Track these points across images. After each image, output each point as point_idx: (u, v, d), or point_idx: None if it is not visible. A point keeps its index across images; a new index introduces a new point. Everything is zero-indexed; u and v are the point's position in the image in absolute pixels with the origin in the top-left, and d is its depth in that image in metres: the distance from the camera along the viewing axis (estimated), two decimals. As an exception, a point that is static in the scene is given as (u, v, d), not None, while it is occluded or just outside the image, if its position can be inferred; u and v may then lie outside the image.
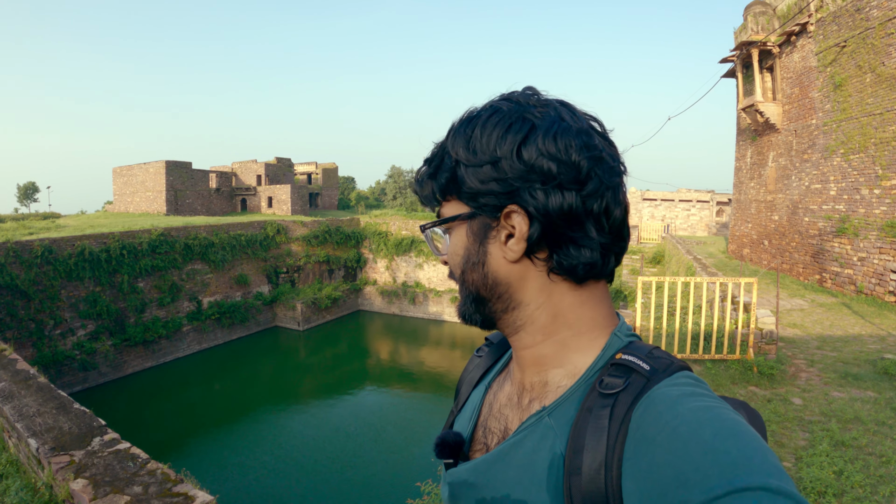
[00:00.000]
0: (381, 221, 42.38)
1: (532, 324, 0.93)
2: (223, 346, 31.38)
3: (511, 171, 0.86)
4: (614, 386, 0.80)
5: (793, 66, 21.61)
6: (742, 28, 23.16)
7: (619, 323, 0.94)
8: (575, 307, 0.91)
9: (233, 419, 22.93)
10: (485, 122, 0.90)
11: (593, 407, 0.80)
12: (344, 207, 64.23)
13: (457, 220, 0.94)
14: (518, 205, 0.87)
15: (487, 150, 0.88)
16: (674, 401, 0.72)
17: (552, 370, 0.92)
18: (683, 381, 0.77)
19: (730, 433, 0.65)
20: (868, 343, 12.26)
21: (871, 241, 17.09)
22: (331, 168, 61.86)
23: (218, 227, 32.39)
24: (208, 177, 48.02)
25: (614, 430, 0.76)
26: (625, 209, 0.91)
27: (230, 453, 19.42)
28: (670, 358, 0.84)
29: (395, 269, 41.29)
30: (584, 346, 0.91)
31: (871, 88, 17.01)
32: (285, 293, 35.83)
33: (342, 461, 18.77)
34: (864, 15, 17.15)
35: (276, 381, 28.00)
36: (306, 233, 37.94)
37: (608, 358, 0.88)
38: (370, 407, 25.12)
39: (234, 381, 27.40)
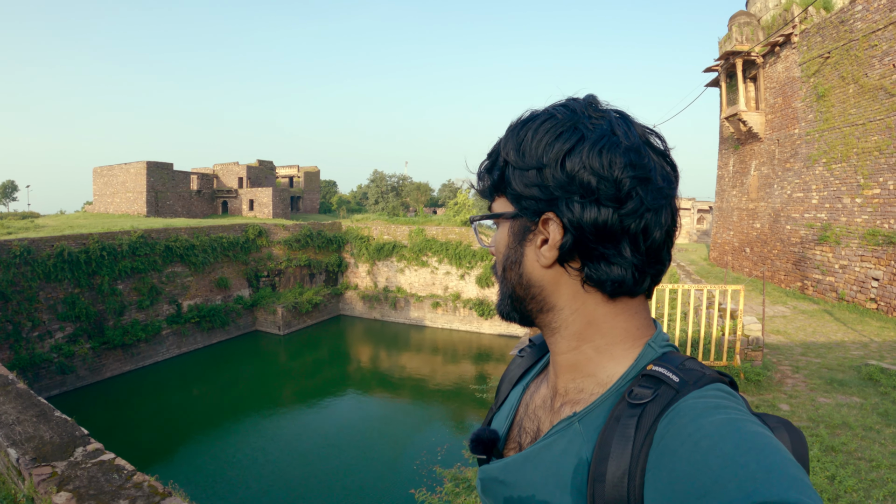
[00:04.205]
0: (362, 226, 42.28)
1: (567, 328, 0.94)
2: (203, 351, 31.08)
3: (553, 179, 0.87)
4: (643, 396, 0.81)
5: (776, 77, 21.85)
6: (726, 38, 23.40)
7: (656, 333, 0.94)
8: (609, 317, 0.92)
9: (214, 425, 22.72)
10: (538, 128, 0.91)
11: (621, 416, 0.81)
12: (325, 211, 64.16)
13: (501, 218, 0.97)
14: (555, 213, 0.88)
15: (535, 156, 0.89)
16: (698, 413, 0.72)
17: (586, 377, 0.93)
18: (712, 394, 0.77)
19: (751, 446, 0.65)
20: (851, 349, 12.37)
21: (853, 249, 17.28)
22: (313, 171, 61.80)
23: (199, 229, 32.12)
24: (189, 178, 47.73)
25: (640, 440, 0.76)
26: (667, 232, 0.90)
27: (212, 461, 19.20)
28: (703, 370, 0.83)
29: (376, 273, 41.19)
30: (619, 355, 0.91)
31: (854, 99, 17.24)
32: (266, 297, 35.59)
33: (327, 469, 18.61)
34: (848, 27, 17.39)
35: (256, 387, 27.70)
36: (287, 236, 37.79)
37: (640, 368, 0.88)
38: (352, 413, 25.00)
39: (214, 386, 27.12)
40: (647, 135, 0.92)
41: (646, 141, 0.90)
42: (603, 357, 0.92)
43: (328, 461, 19.21)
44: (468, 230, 38.79)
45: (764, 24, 22.60)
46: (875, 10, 16.34)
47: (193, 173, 48.48)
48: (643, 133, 0.91)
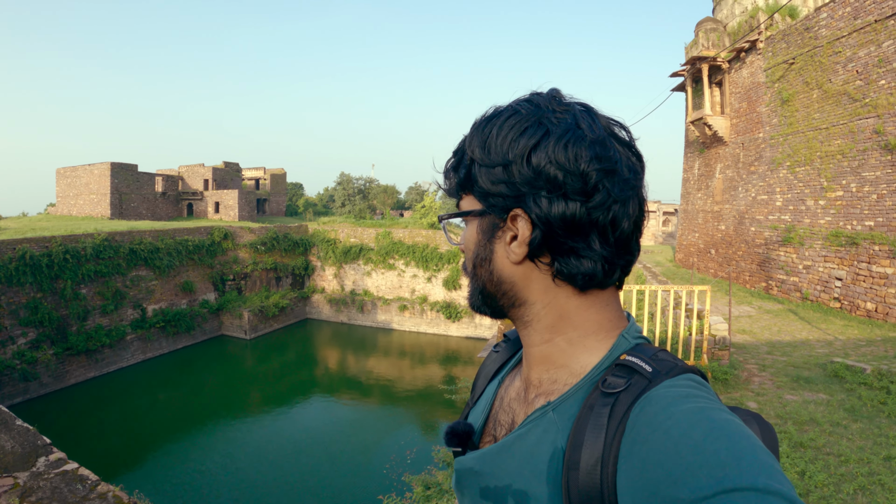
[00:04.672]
0: (329, 229, 42.02)
1: (539, 321, 0.94)
2: (168, 356, 30.53)
3: (519, 175, 0.87)
4: (616, 385, 0.81)
5: (741, 82, 22.24)
6: (693, 44, 23.77)
7: (629, 325, 0.95)
8: (580, 310, 0.92)
9: (181, 432, 22.32)
10: (502, 124, 0.91)
11: (595, 405, 0.81)
12: (292, 214, 63.71)
13: (469, 216, 0.97)
14: (523, 209, 0.88)
15: (500, 152, 0.89)
16: (669, 402, 0.73)
17: (559, 368, 0.93)
18: (683, 384, 0.78)
19: (721, 433, 0.66)
20: (816, 347, 12.59)
21: (816, 250, 17.61)
22: (279, 174, 61.31)
23: (164, 231, 31.56)
24: (154, 180, 46.75)
25: (612, 428, 0.77)
26: (635, 222, 0.91)
27: (180, 469, 18.84)
28: (675, 361, 0.84)
29: (343, 276, 40.99)
30: (592, 346, 0.92)
31: (818, 104, 17.61)
32: (232, 301, 35.13)
33: (296, 476, 18.39)
34: (812, 34, 17.77)
35: (223, 392, 27.29)
36: (254, 239, 37.38)
37: (614, 358, 0.89)
38: (320, 418, 24.82)
39: (180, 392, 26.64)
40: (611, 126, 0.92)
41: (611, 133, 0.91)
42: (576, 348, 0.92)
43: (297, 468, 19.00)
44: (435, 233, 38.83)
45: (730, 31, 23.02)
46: (839, 17, 16.72)
47: (158, 175, 47.56)
48: (608, 125, 0.92)
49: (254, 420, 24.03)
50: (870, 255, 15.85)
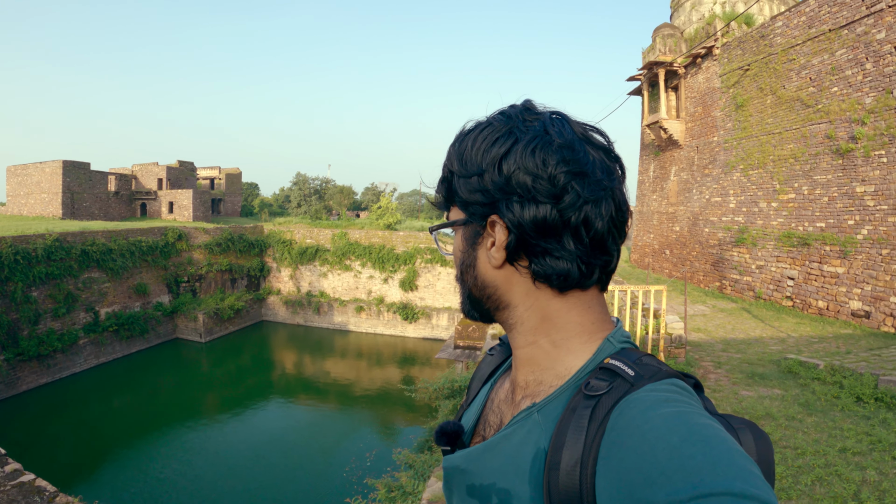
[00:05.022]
0: (285, 229, 41.56)
1: (523, 324, 0.97)
2: (122, 360, 29.71)
3: (492, 183, 0.91)
4: (598, 388, 0.83)
5: (697, 87, 22.71)
6: (650, 49, 24.16)
7: (615, 329, 0.96)
8: (562, 312, 0.94)
9: (138, 439, 21.73)
10: (476, 136, 0.95)
11: (577, 407, 0.83)
12: (247, 214, 62.89)
13: (454, 226, 1.02)
14: (498, 215, 0.91)
15: (475, 163, 0.94)
16: (648, 406, 0.74)
17: (544, 370, 0.95)
18: (664, 388, 0.79)
19: (697, 438, 0.66)
20: (770, 344, 12.89)
21: (769, 251, 18.04)
22: (234, 173, 60.48)
23: (116, 232, 30.69)
24: (107, 179, 45.49)
25: (593, 430, 0.78)
26: (611, 222, 0.92)
27: (138, 477, 18.39)
28: (659, 365, 0.86)
29: (299, 278, 40.63)
30: (576, 348, 0.94)
31: (772, 109, 18.08)
32: (186, 303, 34.45)
33: (256, 482, 18.14)
34: (768, 41, 18.25)
35: (179, 397, 26.73)
36: (208, 240, 36.68)
37: (598, 362, 0.90)
38: (278, 422, 24.53)
39: (135, 398, 25.98)
40: (586, 132, 0.95)
41: (584, 137, 0.93)
42: (560, 351, 0.94)
43: (257, 473, 18.74)
44: (392, 234, 38.79)
45: (687, 37, 23.46)
46: (795, 26, 17.20)
47: (111, 174, 46.32)
48: (582, 130, 0.94)
49: (211, 425, 23.62)
50: (821, 255, 16.31)
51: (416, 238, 38.33)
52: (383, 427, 24.59)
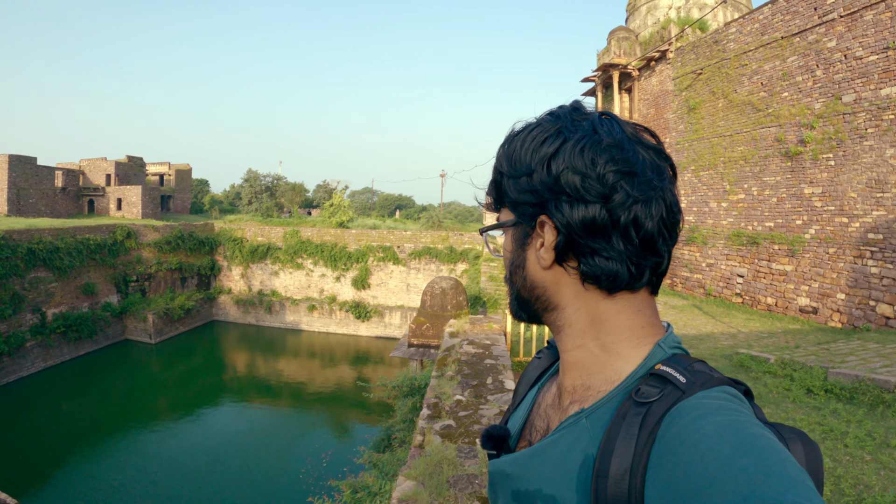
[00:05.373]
0: (236, 227, 41.03)
1: (571, 326, 0.95)
2: (71, 363, 28.88)
3: (541, 183, 0.91)
4: (649, 395, 0.81)
5: (650, 89, 23.19)
6: (605, 51, 24.57)
7: (666, 335, 0.94)
8: (611, 314, 0.93)
9: (90, 444, 21.21)
10: (525, 137, 0.95)
11: (627, 414, 0.81)
12: (197, 212, 61.70)
13: (504, 227, 1.02)
14: (547, 215, 0.91)
15: (524, 163, 0.93)
16: (700, 414, 0.73)
17: (593, 375, 0.94)
18: (716, 396, 0.77)
19: (750, 448, 0.65)
20: (721, 340, 13.24)
21: (719, 249, 18.55)
22: (184, 169, 59.26)
23: (63, 230, 29.80)
24: (54, 174, 44.12)
25: (643, 438, 0.77)
26: (662, 223, 0.91)
27: (92, 484, 17.96)
28: (711, 372, 0.84)
29: (250, 276, 40.15)
30: (626, 353, 0.92)
31: (723, 112, 18.60)
32: (136, 303, 33.66)
33: (213, 487, 17.89)
34: (721, 47, 18.78)
35: (130, 400, 26.14)
36: (158, 238, 35.96)
37: (649, 368, 0.88)
38: (232, 424, 24.25)
39: (86, 402, 25.30)
40: (637, 131, 0.95)
41: (634, 137, 0.93)
42: (609, 355, 0.92)
43: (213, 477, 18.50)
44: (343, 232, 38.66)
45: (642, 40, 23.91)
46: (748, 32, 17.74)
47: (58, 169, 44.83)
48: (632, 130, 0.94)
49: (164, 429, 23.17)
50: (769, 253, 16.85)
51: (369, 236, 38.24)
52: (338, 427, 24.51)
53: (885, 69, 13.99)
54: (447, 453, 5.01)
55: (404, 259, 37.95)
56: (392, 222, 50.36)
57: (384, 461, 9.65)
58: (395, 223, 49.59)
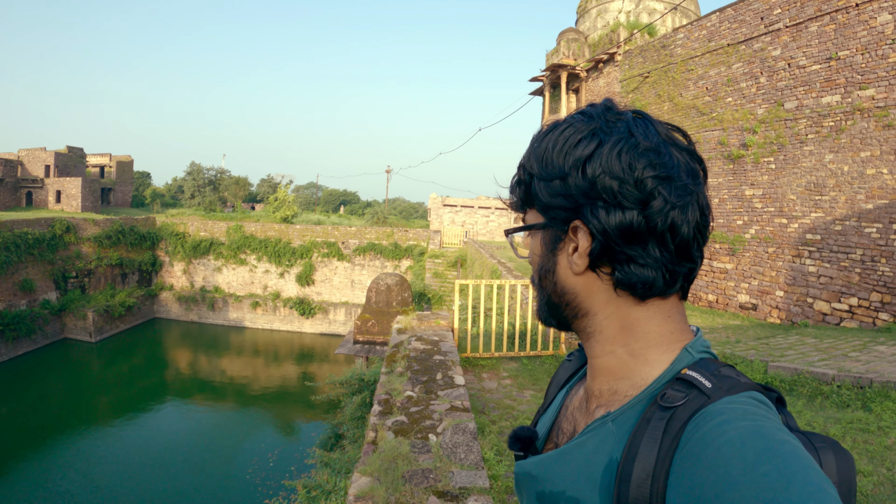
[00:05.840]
0: (178, 221, 40.46)
1: (601, 332, 0.94)
2: (8, 363, 27.94)
3: (576, 187, 0.88)
4: (674, 400, 0.80)
5: (597, 90, 23.59)
6: (554, 51, 24.89)
7: (694, 339, 0.93)
8: (642, 320, 0.91)
9: (31, 449, 20.56)
10: (557, 137, 0.91)
11: (652, 418, 0.81)
12: (138, 205, 60.37)
13: (533, 230, 0.98)
14: (581, 220, 0.88)
15: (556, 165, 0.89)
16: (725, 420, 0.72)
17: (620, 380, 0.93)
18: (742, 401, 0.76)
19: (774, 454, 0.64)
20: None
21: (660, 247, 19.02)
22: (126, 161, 57.90)
23: (0, 223, 28.85)
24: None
25: (667, 442, 0.77)
26: (696, 228, 0.89)
27: (36, 490, 17.47)
28: (738, 377, 0.83)
29: (192, 272, 39.61)
30: (653, 358, 0.91)
31: (668, 115, 19.14)
32: (75, 301, 32.77)
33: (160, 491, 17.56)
34: (668, 52, 19.21)
35: (71, 401, 25.50)
36: (98, 232, 35.08)
37: (675, 372, 0.87)
38: (176, 424, 23.90)
39: (24, 404, 24.55)
40: (669, 132, 0.92)
41: (668, 138, 0.90)
42: (637, 361, 0.91)
43: (158, 480, 18.18)
44: (288, 227, 38.43)
45: (591, 42, 24.29)
46: (695, 39, 18.20)
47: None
48: (666, 131, 0.91)
49: (108, 431, 22.64)
50: (711, 252, 17.34)
51: (313, 231, 38.07)
52: (283, 425, 24.37)
53: (826, 78, 14.49)
54: (401, 449, 5.02)
55: (349, 255, 37.88)
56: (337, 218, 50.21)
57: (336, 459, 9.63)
58: (340, 219, 49.46)
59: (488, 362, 9.35)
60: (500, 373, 8.89)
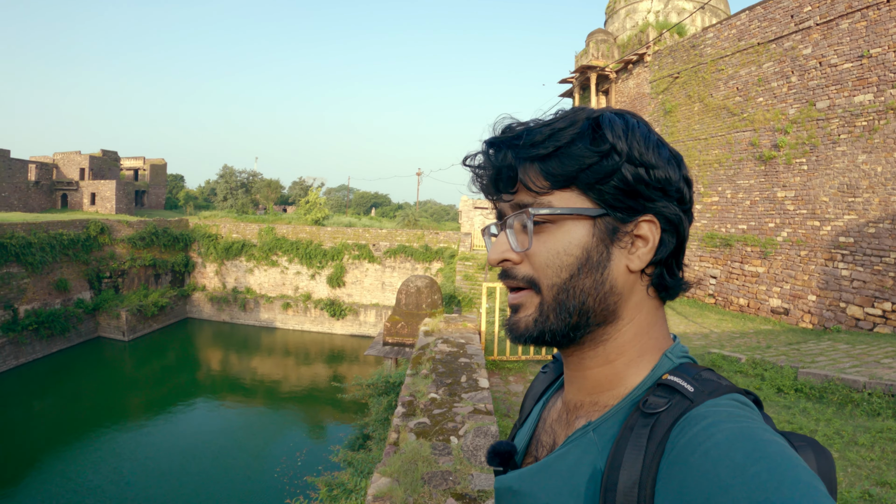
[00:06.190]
0: (210, 223, 40.69)
1: (615, 340, 0.89)
2: (43, 361, 28.39)
3: (665, 181, 0.86)
4: (657, 406, 0.79)
5: (627, 92, 23.42)
6: (583, 53, 24.78)
7: (674, 345, 0.92)
8: (650, 326, 0.90)
9: (63, 444, 20.82)
10: (638, 128, 0.88)
11: (635, 426, 0.79)
12: (171, 207, 61.02)
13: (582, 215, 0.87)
14: (654, 214, 0.86)
15: (646, 154, 0.86)
16: (710, 423, 0.71)
17: (603, 392, 0.91)
18: (726, 403, 0.76)
19: (762, 455, 0.64)
20: (694, 340, 13.37)
21: (693, 250, 18.80)
22: (159, 164, 58.58)
23: (36, 224, 29.18)
24: (27, 168, 43.18)
25: (652, 449, 0.75)
26: None
27: (66, 484, 17.67)
28: (719, 380, 0.82)
29: (224, 273, 39.86)
30: (641, 366, 0.89)
31: (699, 116, 18.82)
32: (109, 300, 33.17)
33: (188, 488, 17.68)
34: (698, 51, 19.01)
35: (103, 398, 25.76)
36: (132, 234, 35.46)
37: (656, 378, 0.86)
38: (206, 423, 24.04)
39: (58, 400, 24.90)
40: None
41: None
42: (629, 369, 0.89)
43: (188, 477, 18.32)
44: (319, 229, 38.48)
45: (620, 43, 24.13)
46: (725, 38, 17.98)
47: (32, 162, 43.94)
48: None
49: (138, 428, 22.85)
50: (742, 255, 17.08)
51: (344, 234, 38.13)
52: (312, 426, 24.45)
53: (859, 77, 14.25)
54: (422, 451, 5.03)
55: (379, 257, 37.87)
56: (368, 220, 50.29)
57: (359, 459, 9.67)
58: (371, 221, 49.52)
59: (515, 365, 9.34)
60: (526, 376, 8.88)
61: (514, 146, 0.90)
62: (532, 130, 0.89)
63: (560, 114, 0.92)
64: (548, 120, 0.91)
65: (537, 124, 0.90)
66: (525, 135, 0.89)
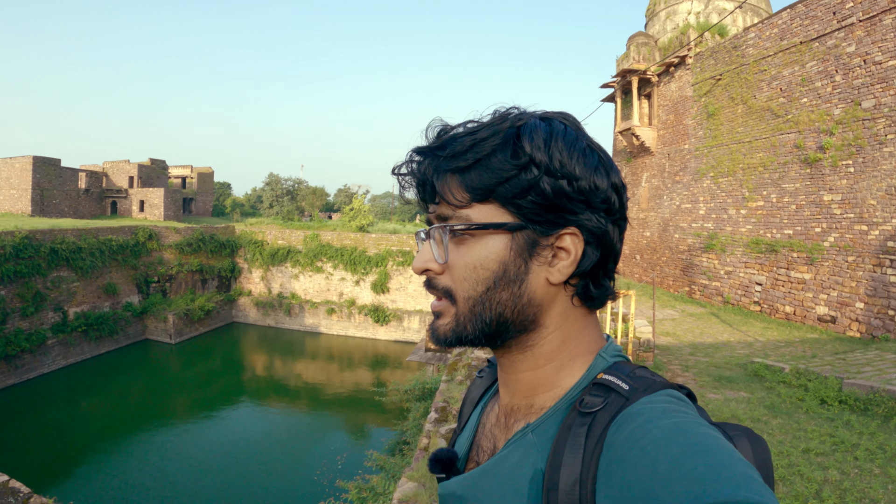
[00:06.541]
0: (256, 230, 41.18)
1: (541, 346, 0.90)
2: (91, 361, 29.10)
3: (590, 191, 0.85)
4: (593, 405, 0.80)
5: (669, 95, 23.09)
6: (624, 56, 24.51)
7: (607, 345, 0.94)
8: (579, 332, 0.91)
9: (109, 441, 21.37)
10: (563, 135, 0.86)
11: (573, 425, 0.80)
12: (218, 214, 62.16)
13: (500, 229, 0.86)
14: (577, 226, 0.85)
15: (569, 165, 0.84)
16: (646, 419, 0.72)
17: (538, 395, 0.92)
18: (660, 399, 0.77)
19: (698, 448, 0.64)
20: (737, 349, 13.10)
21: (738, 257, 18.35)
22: (206, 172, 59.76)
23: (86, 230, 30.10)
24: (77, 176, 44.70)
25: (590, 447, 0.76)
26: None
27: (111, 481, 18.10)
28: (653, 377, 0.83)
29: (270, 279, 40.30)
30: (576, 368, 0.90)
31: (742, 118, 18.46)
32: (156, 304, 33.91)
33: (228, 486, 17.97)
34: (740, 52, 18.65)
35: (149, 399, 26.32)
36: (179, 240, 36.21)
37: (591, 378, 0.87)
38: (249, 424, 24.33)
39: (106, 400, 25.57)
40: None
41: None
42: (562, 372, 0.90)
43: (228, 477, 18.58)
44: (363, 236, 38.62)
45: (661, 46, 23.82)
46: (767, 38, 17.59)
47: (82, 170, 45.51)
48: None
49: (183, 428, 23.32)
50: (788, 261, 16.65)
51: (389, 240, 38.23)
52: (354, 429, 24.54)
53: (904, 74, 13.86)
54: (451, 457, 5.02)
55: (423, 266, 37.88)
56: (413, 227, 50.39)
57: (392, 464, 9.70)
58: (416, 228, 49.61)
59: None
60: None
61: (436, 157, 0.90)
62: (455, 140, 0.88)
63: (490, 118, 0.91)
64: (473, 127, 0.89)
65: (464, 132, 0.89)
66: (448, 144, 0.89)
